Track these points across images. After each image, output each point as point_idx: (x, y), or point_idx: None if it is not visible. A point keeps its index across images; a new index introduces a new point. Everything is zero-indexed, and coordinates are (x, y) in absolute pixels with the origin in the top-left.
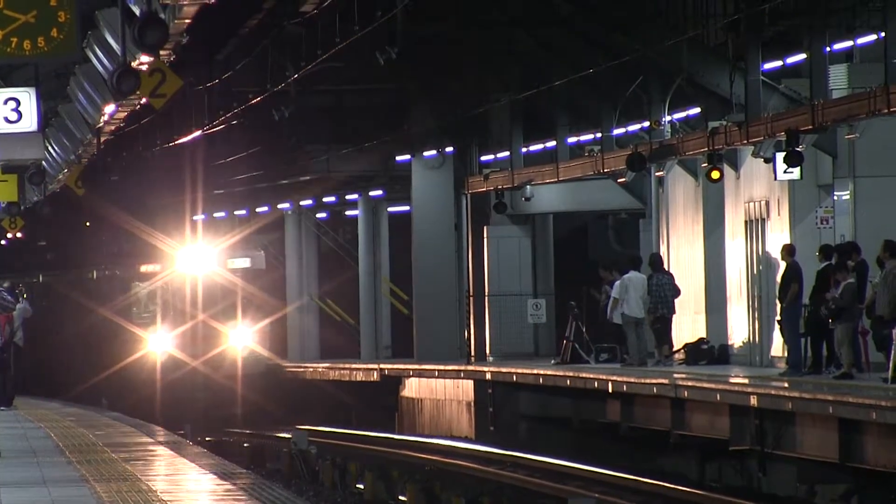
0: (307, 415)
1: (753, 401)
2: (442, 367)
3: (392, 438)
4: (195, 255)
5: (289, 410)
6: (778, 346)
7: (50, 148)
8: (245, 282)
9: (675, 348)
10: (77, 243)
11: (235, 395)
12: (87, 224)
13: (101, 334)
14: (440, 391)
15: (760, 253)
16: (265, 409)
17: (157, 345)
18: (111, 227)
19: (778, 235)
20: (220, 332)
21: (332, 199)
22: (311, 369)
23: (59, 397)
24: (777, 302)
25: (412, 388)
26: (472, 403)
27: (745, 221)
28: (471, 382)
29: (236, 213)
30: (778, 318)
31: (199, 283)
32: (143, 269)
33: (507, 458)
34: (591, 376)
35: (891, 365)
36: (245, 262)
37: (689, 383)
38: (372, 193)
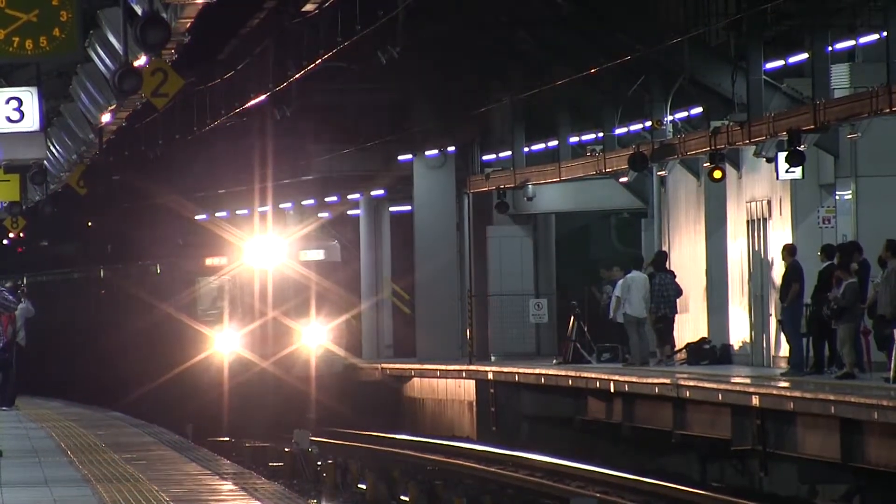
0: (385, 420)
1: (755, 401)
2: (444, 367)
3: (393, 438)
4: (264, 246)
5: (365, 414)
6: (780, 346)
7: (52, 147)
8: (319, 275)
9: (676, 348)
10: (140, 234)
11: (309, 398)
12: (146, 213)
13: (162, 333)
14: (442, 391)
15: (762, 253)
16: (341, 414)
17: (223, 344)
18: (175, 217)
19: (779, 235)
20: (291, 329)
21: (334, 198)
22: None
23: (111, 406)
24: (778, 301)
25: (413, 388)
26: (474, 403)
27: (747, 221)
28: (472, 382)
29: (304, 203)
30: (779, 317)
31: (268, 277)
32: (209, 262)
33: (508, 458)
34: (593, 376)
35: (892, 364)
36: (318, 254)
37: (691, 383)
38: (373, 193)
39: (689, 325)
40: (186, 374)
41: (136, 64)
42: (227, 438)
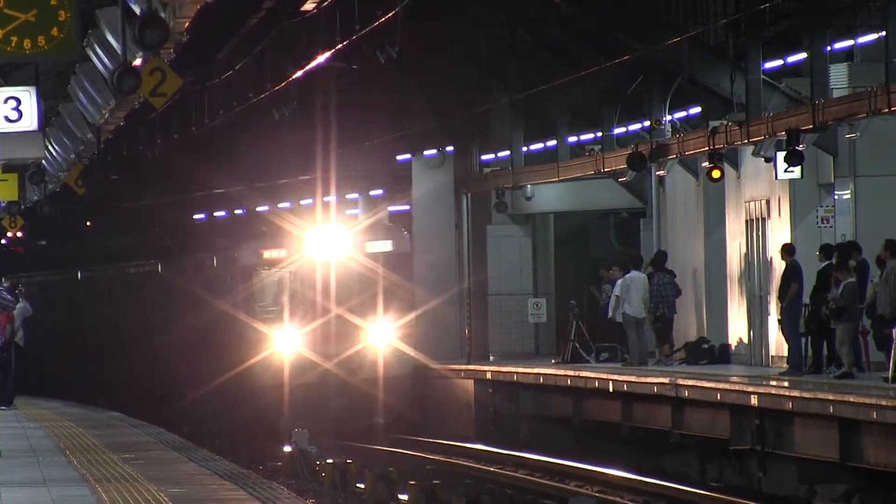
0: (460, 427)
1: (754, 400)
2: (442, 367)
3: (393, 438)
4: (328, 237)
5: (439, 421)
6: (779, 346)
7: (50, 147)
8: (386, 268)
9: (675, 348)
10: (195, 225)
11: (376, 401)
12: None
13: (216, 332)
14: (440, 391)
15: (761, 252)
16: (411, 419)
17: (283, 344)
18: (231, 206)
19: (778, 235)
20: (357, 327)
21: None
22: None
23: (162, 411)
24: (777, 301)
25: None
26: (473, 403)
27: (746, 221)
28: (471, 382)
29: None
30: (778, 317)
31: (332, 271)
32: (267, 254)
33: (507, 457)
34: (592, 376)
35: (891, 364)
36: (386, 246)
37: (690, 383)
38: (372, 193)
39: (688, 325)
40: (243, 376)
41: (134, 63)
42: (288, 449)
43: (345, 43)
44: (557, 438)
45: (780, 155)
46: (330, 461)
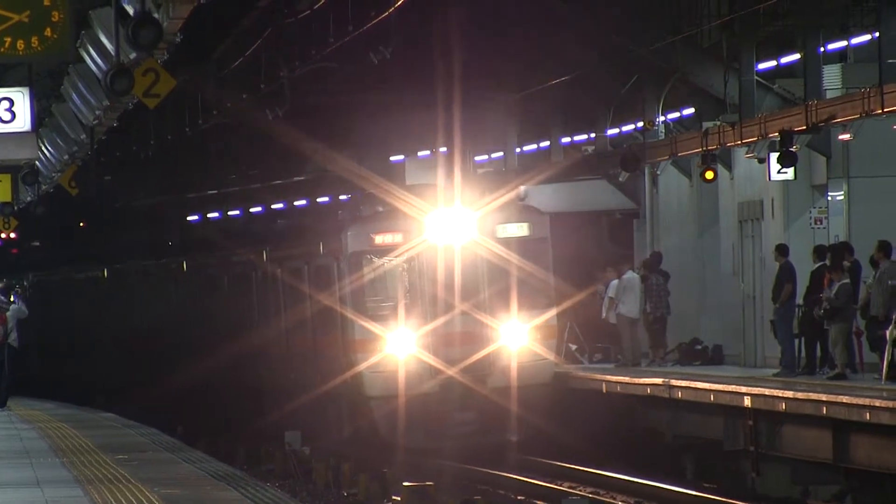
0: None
1: (747, 401)
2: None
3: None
4: (451, 219)
5: (589, 441)
6: (772, 347)
7: (43, 148)
8: (521, 257)
9: (668, 349)
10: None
11: (509, 414)
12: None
13: (317, 330)
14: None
15: (754, 253)
16: (554, 437)
17: (398, 346)
18: (342, 184)
19: (772, 236)
20: (486, 327)
21: (326, 199)
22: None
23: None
24: (771, 302)
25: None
26: None
27: (739, 221)
28: None
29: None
30: (771, 318)
31: (456, 259)
32: (380, 239)
33: (500, 458)
34: (585, 376)
35: (884, 365)
36: (521, 229)
37: (683, 384)
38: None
39: (682, 326)
40: (348, 385)
41: (127, 64)
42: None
43: (339, 43)
44: (550, 439)
45: (774, 156)
46: (323, 462)
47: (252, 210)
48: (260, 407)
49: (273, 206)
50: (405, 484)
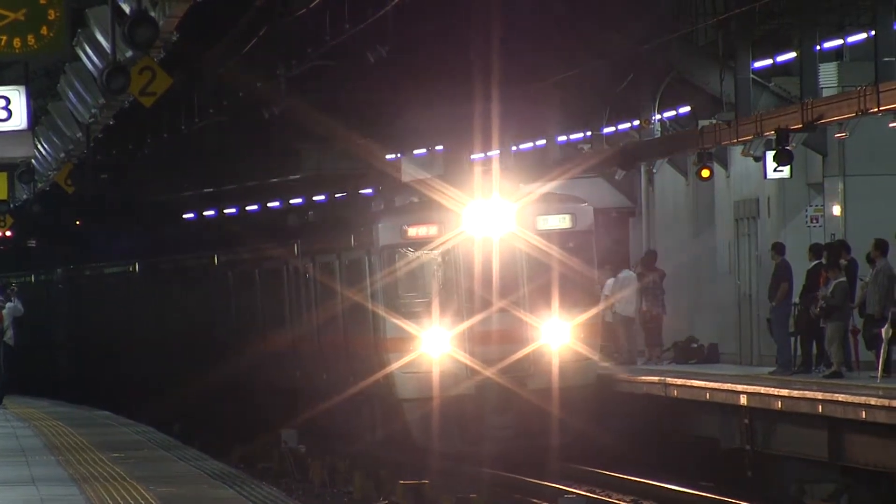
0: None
1: (743, 400)
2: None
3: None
4: (488, 210)
5: (633, 446)
6: (768, 345)
7: (39, 146)
8: (563, 250)
9: (664, 347)
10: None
11: (550, 417)
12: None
13: (346, 327)
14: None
15: (750, 252)
16: (598, 441)
17: (432, 345)
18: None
19: (768, 234)
20: (526, 325)
21: (322, 197)
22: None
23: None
24: (767, 300)
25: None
26: None
27: (735, 220)
28: None
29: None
30: (768, 316)
31: (494, 253)
32: (413, 231)
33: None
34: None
35: (880, 363)
36: (563, 221)
37: (679, 382)
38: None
39: (678, 325)
40: (379, 386)
41: (123, 62)
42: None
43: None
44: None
45: (770, 154)
46: (319, 460)
47: (292, 202)
48: (291, 408)
49: (314, 198)
50: (401, 482)
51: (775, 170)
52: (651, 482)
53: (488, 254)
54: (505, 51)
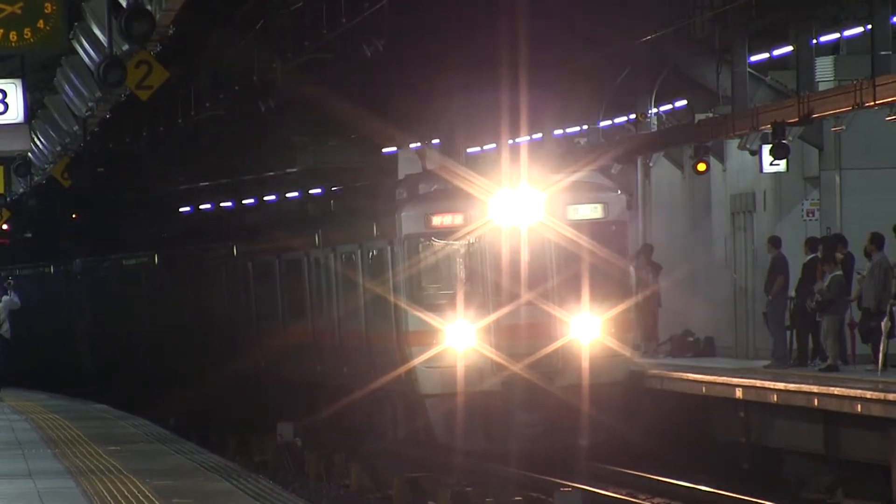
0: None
1: (739, 393)
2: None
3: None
4: (516, 199)
5: (668, 447)
6: (764, 339)
7: (36, 139)
8: (595, 240)
9: (660, 341)
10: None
11: (580, 416)
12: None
13: (367, 321)
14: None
15: (746, 245)
16: (631, 442)
17: (457, 339)
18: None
19: (764, 228)
20: (555, 318)
21: (319, 190)
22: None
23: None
24: (763, 294)
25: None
26: None
27: (732, 214)
28: None
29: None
30: (763, 310)
31: (522, 243)
32: (437, 220)
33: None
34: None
35: (880, 357)
36: (595, 211)
37: (675, 375)
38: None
39: (674, 318)
40: (404, 379)
41: (119, 56)
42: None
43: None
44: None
45: (766, 148)
46: (315, 453)
47: (311, 192)
48: (312, 403)
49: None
50: (397, 476)
51: (771, 163)
52: (647, 475)
53: (516, 244)
54: (506, 43)
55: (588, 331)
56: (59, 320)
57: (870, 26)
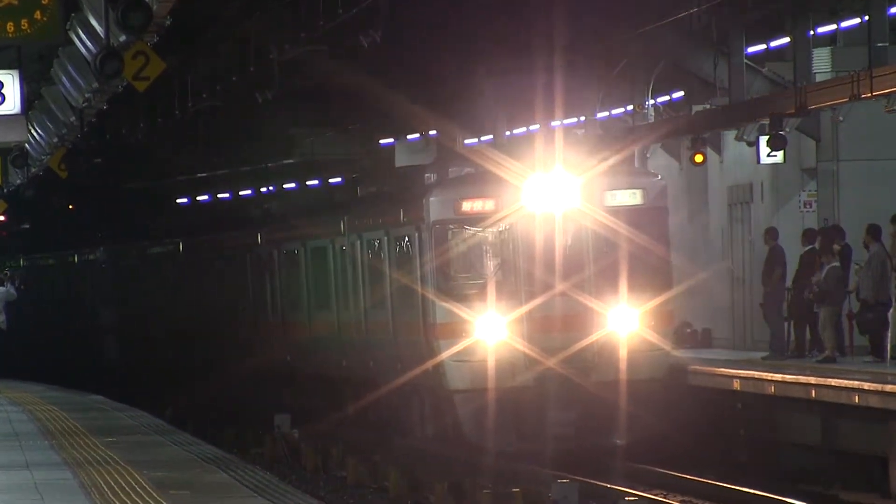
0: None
1: (736, 385)
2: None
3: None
4: (551, 184)
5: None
6: (761, 330)
7: (33, 130)
8: (633, 228)
9: None
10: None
11: (617, 413)
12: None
13: (392, 312)
14: None
15: (743, 237)
16: (674, 440)
17: (488, 331)
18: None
19: (761, 219)
20: (591, 311)
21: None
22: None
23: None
24: (760, 285)
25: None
26: None
27: (729, 205)
28: None
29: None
30: (761, 301)
31: (557, 231)
32: (467, 206)
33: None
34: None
35: (888, 346)
36: (634, 197)
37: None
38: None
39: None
40: (431, 374)
41: (116, 47)
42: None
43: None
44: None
45: (763, 139)
46: (312, 446)
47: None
48: (338, 397)
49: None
50: (393, 467)
51: (769, 155)
52: (646, 466)
53: (550, 231)
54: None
55: (626, 323)
56: (78, 311)
57: (867, 17)
